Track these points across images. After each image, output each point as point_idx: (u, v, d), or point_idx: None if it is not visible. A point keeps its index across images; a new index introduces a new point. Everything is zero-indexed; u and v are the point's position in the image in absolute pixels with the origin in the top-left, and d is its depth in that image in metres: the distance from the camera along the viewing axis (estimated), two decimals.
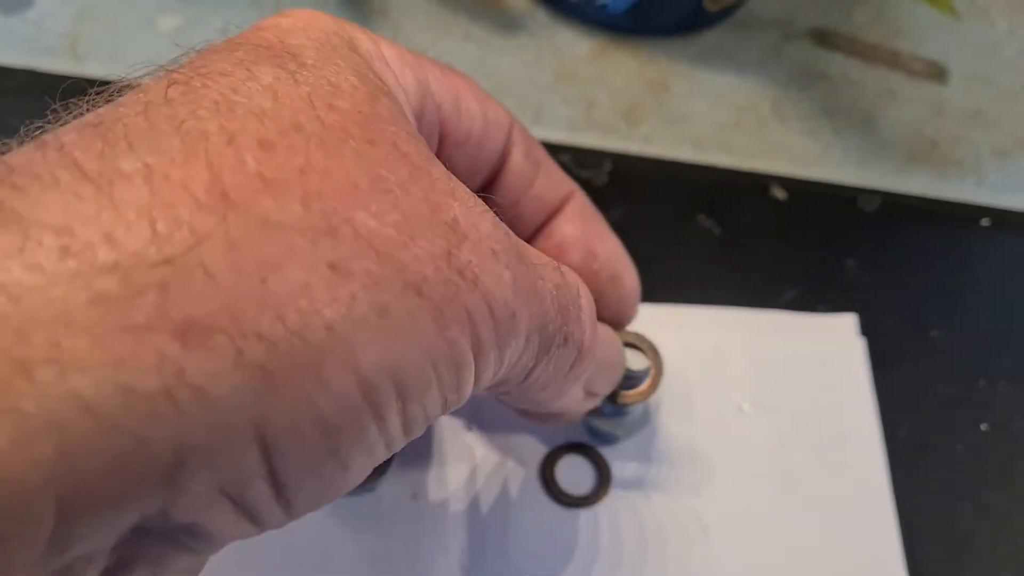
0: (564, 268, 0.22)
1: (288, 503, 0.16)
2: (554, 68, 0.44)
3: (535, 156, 0.27)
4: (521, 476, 0.32)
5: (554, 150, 0.22)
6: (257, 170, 0.16)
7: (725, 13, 0.46)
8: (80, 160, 0.15)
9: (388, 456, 0.18)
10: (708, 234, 0.40)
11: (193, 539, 0.16)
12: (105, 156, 0.15)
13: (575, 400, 0.26)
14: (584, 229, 0.28)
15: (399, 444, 0.18)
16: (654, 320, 0.32)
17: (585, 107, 0.43)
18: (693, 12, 0.45)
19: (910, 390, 0.36)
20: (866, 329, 0.37)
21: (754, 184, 0.42)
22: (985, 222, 0.42)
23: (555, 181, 0.28)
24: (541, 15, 0.46)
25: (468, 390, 0.19)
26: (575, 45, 0.45)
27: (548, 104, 0.43)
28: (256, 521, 0.16)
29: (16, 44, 0.41)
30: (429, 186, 0.18)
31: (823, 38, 0.47)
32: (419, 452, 0.32)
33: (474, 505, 0.32)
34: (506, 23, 0.45)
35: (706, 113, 0.44)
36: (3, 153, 0.16)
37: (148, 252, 0.14)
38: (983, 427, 0.36)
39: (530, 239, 0.28)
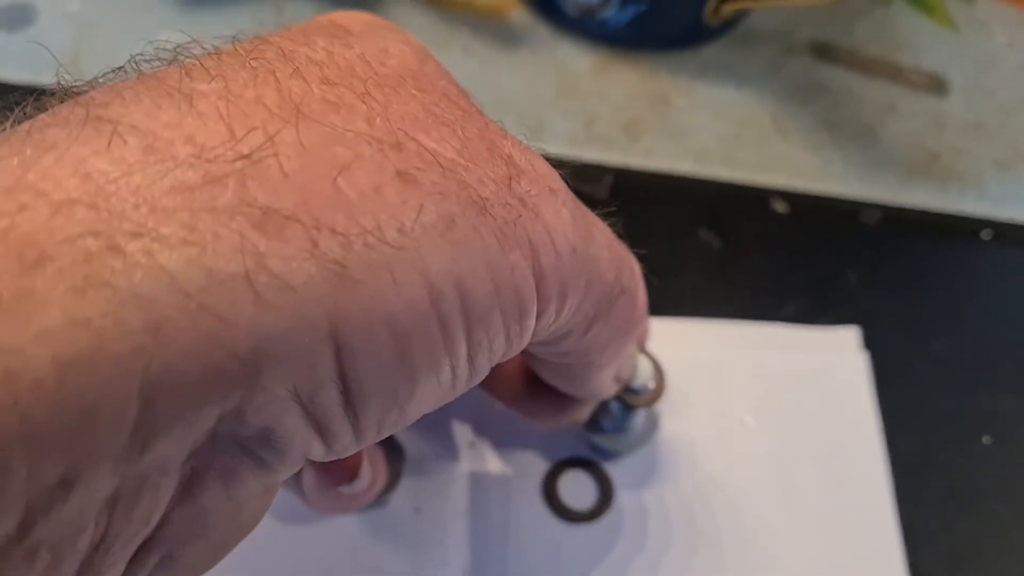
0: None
1: (355, 415, 0.17)
2: (555, 82, 0.44)
3: None
4: (523, 491, 0.32)
5: (555, 164, 0.22)
6: (322, 96, 0.17)
7: (726, 27, 0.46)
8: (161, 81, 0.16)
9: (453, 394, 0.18)
10: (709, 247, 0.40)
11: (265, 448, 0.16)
12: (184, 80, 0.16)
13: (606, 382, 0.27)
14: None
15: (463, 376, 0.18)
16: (655, 334, 0.31)
17: (586, 121, 0.43)
18: (694, 26, 0.45)
19: (912, 403, 0.36)
20: (868, 342, 0.37)
21: (755, 197, 0.42)
22: (986, 234, 0.42)
23: None
24: (542, 30, 0.46)
25: (530, 323, 0.19)
26: (576, 59, 0.45)
27: (549, 118, 0.43)
28: (324, 434, 0.17)
29: (18, 60, 0.41)
30: (483, 126, 0.19)
31: (823, 52, 0.47)
32: (423, 467, 0.32)
33: (476, 520, 0.31)
34: (507, 37, 0.45)
35: (707, 127, 0.44)
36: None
37: (226, 149, 0.15)
38: (985, 440, 0.36)
39: None
